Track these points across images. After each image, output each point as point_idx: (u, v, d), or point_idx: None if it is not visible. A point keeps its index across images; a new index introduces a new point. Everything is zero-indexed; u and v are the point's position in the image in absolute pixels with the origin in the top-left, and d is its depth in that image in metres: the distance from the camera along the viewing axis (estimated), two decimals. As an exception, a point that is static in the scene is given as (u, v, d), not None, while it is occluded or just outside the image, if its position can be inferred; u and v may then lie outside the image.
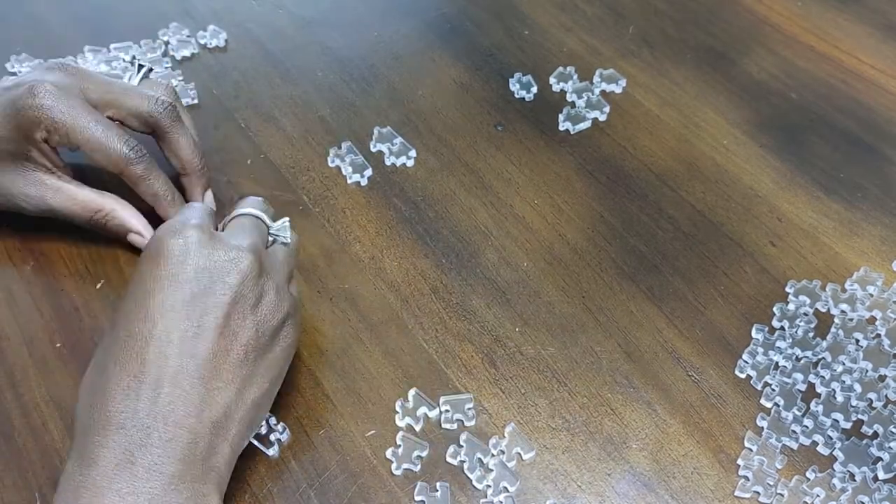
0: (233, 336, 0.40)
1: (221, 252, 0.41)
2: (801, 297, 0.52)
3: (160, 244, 0.41)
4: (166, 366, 0.38)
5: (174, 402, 0.38)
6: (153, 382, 0.38)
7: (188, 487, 0.37)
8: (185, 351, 0.38)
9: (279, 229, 0.47)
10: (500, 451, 0.45)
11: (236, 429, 0.40)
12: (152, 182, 0.51)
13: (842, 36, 0.69)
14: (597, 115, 0.63)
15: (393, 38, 0.69)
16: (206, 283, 0.40)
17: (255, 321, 0.41)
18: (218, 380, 0.39)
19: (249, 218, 0.46)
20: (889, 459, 0.45)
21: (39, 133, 0.49)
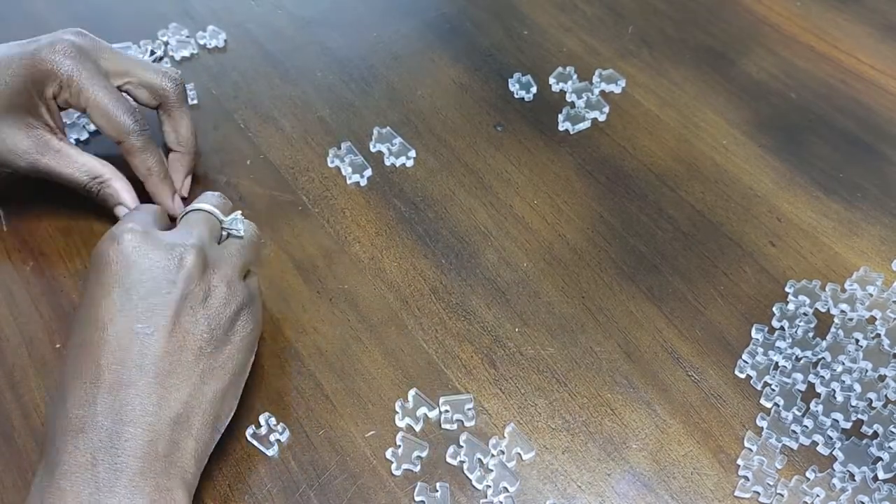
0: (184, 332, 0.40)
1: (161, 252, 0.41)
2: (801, 297, 0.52)
3: (101, 252, 0.42)
4: (122, 369, 0.39)
5: (131, 402, 0.38)
6: (109, 386, 0.38)
7: (150, 484, 0.37)
8: (138, 351, 0.39)
9: (231, 222, 0.47)
10: (499, 451, 0.45)
11: (199, 423, 0.40)
12: (148, 157, 0.52)
13: (841, 36, 0.69)
14: (596, 115, 0.63)
15: (392, 38, 0.69)
16: (150, 283, 0.40)
17: (206, 315, 0.41)
18: (173, 377, 0.39)
19: (199, 213, 0.46)
20: (889, 459, 0.45)
21: (51, 87, 0.50)
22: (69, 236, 0.55)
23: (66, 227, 0.55)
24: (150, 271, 0.41)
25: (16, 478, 0.44)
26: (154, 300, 0.40)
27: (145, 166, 0.52)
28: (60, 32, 0.51)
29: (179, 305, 0.40)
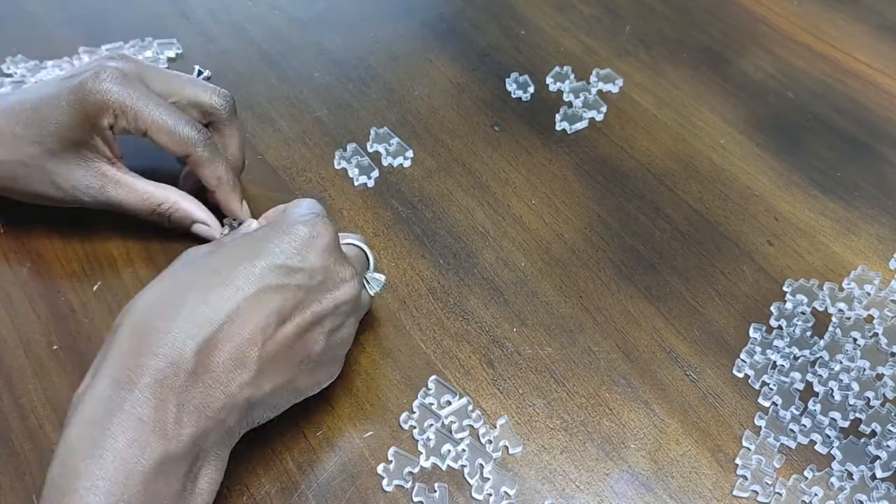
0: (305, 342, 0.41)
1: (341, 267, 0.42)
2: (799, 297, 0.52)
3: (296, 226, 0.42)
4: (241, 329, 0.38)
5: (228, 364, 0.38)
6: (221, 335, 0.38)
7: (209, 447, 0.38)
8: (263, 329, 0.39)
9: (374, 278, 0.47)
10: (487, 440, 0.45)
11: (257, 415, 0.41)
12: (217, 166, 0.51)
13: (838, 35, 0.69)
14: (594, 114, 0.63)
15: (390, 38, 0.69)
16: (314, 284, 0.41)
17: (327, 343, 0.42)
18: (272, 368, 0.40)
19: (362, 253, 0.47)
20: (887, 458, 0.45)
21: (106, 119, 0.49)
22: (66, 238, 0.54)
23: (63, 228, 0.55)
24: (321, 273, 0.41)
25: (13, 481, 0.44)
26: (307, 298, 0.41)
27: (215, 176, 0.51)
28: (101, 59, 0.50)
29: (320, 319, 0.41)
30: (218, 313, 0.38)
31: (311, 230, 0.42)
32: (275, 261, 0.40)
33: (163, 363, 0.36)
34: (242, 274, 0.39)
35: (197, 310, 0.38)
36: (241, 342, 0.38)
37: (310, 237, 0.41)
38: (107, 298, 0.51)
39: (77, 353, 0.49)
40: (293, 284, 0.40)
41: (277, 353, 0.40)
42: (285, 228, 0.42)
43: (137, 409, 0.36)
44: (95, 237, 0.54)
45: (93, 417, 0.36)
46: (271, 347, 0.39)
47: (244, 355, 0.38)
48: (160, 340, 0.37)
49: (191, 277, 0.40)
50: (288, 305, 0.40)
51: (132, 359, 0.37)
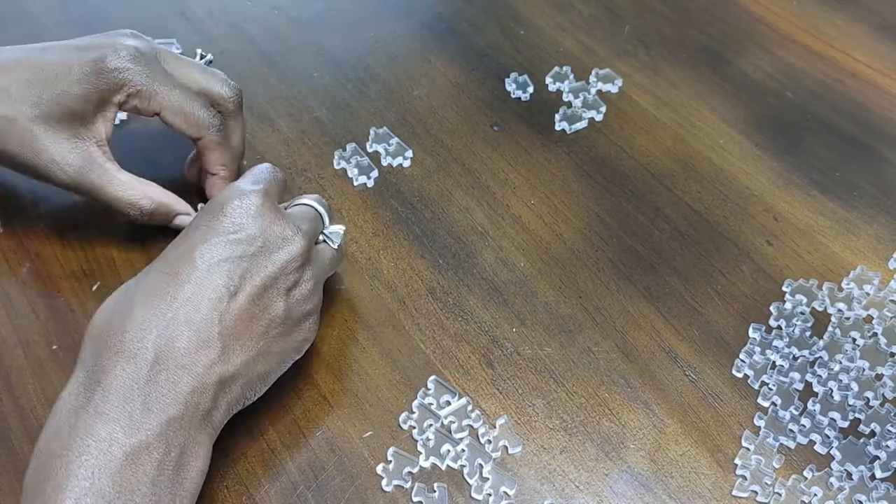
0: (263, 307, 0.41)
1: (279, 227, 0.43)
2: (798, 297, 0.52)
3: (224, 201, 0.42)
4: (195, 311, 0.39)
5: (190, 347, 0.39)
6: (176, 322, 0.39)
7: (184, 433, 0.38)
8: (216, 305, 0.39)
9: (332, 232, 0.48)
10: (487, 440, 0.45)
11: (237, 392, 0.41)
12: (225, 152, 0.52)
13: (837, 35, 0.69)
14: (593, 114, 0.63)
15: (389, 38, 0.69)
16: (255, 249, 0.41)
17: (287, 303, 0.42)
18: (236, 341, 0.40)
19: (310, 209, 0.47)
20: (886, 458, 0.45)
21: (119, 96, 0.48)
22: (65, 238, 0.54)
23: (62, 228, 0.55)
24: (260, 238, 0.42)
25: (13, 480, 0.44)
26: (252, 266, 0.41)
27: (220, 162, 0.52)
28: (117, 36, 0.49)
29: (270, 282, 0.41)
30: (169, 303, 0.39)
31: (238, 201, 0.42)
32: (211, 239, 0.41)
33: (123, 359, 0.38)
34: (184, 262, 0.40)
35: (149, 304, 0.39)
36: (198, 322, 0.39)
37: (239, 207, 0.42)
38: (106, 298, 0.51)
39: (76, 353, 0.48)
40: (235, 256, 0.41)
41: (237, 325, 0.40)
42: (215, 207, 0.42)
43: (101, 405, 0.37)
44: (95, 237, 0.54)
45: (60, 421, 0.37)
46: (230, 321, 0.40)
47: (205, 335, 0.39)
48: (118, 340, 0.38)
49: (142, 281, 0.41)
50: (235, 276, 0.40)
51: (95, 361, 0.38)
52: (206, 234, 0.41)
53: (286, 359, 0.44)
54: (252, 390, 0.42)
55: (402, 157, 0.60)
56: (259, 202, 0.42)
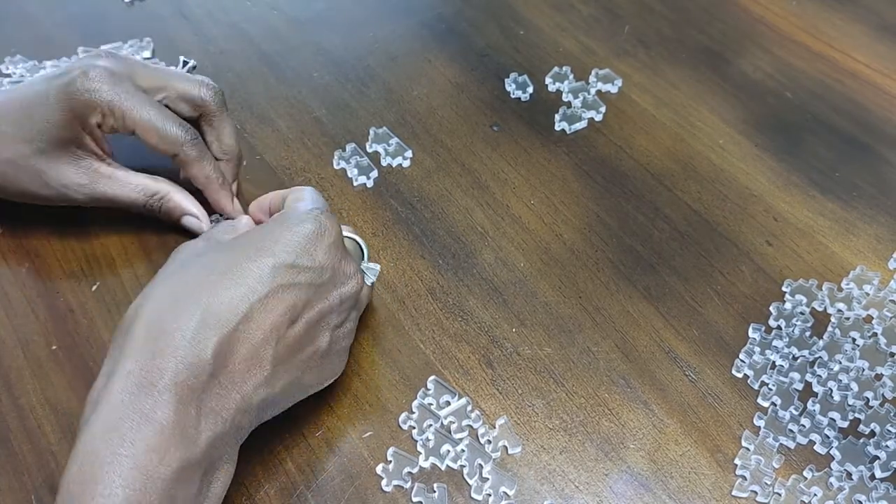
0: (311, 338, 0.41)
1: (346, 264, 0.43)
2: (798, 297, 0.52)
3: (303, 223, 0.42)
4: (256, 331, 0.38)
5: (244, 366, 0.38)
6: (238, 337, 0.38)
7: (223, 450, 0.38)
8: (277, 329, 0.39)
9: (369, 268, 0.48)
10: (486, 440, 0.45)
11: (268, 414, 0.41)
12: (205, 164, 0.51)
13: (837, 35, 0.69)
14: (593, 115, 0.63)
15: (388, 38, 0.69)
16: (322, 281, 0.41)
17: (332, 337, 0.43)
18: (283, 367, 0.40)
19: (354, 244, 0.47)
20: (886, 458, 0.45)
21: (94, 117, 0.49)
22: (65, 238, 0.54)
23: (62, 228, 0.55)
24: (329, 271, 0.42)
25: (12, 481, 0.44)
26: (315, 296, 0.41)
27: (203, 174, 0.51)
28: (88, 58, 0.50)
29: (326, 316, 0.42)
30: (233, 314, 0.38)
31: (317, 227, 0.42)
32: (285, 259, 0.40)
33: (181, 365, 0.36)
34: (254, 273, 0.39)
35: (211, 310, 0.38)
36: (257, 342, 0.38)
37: (316, 234, 0.41)
38: (105, 299, 0.51)
39: (76, 353, 0.49)
40: (303, 283, 0.40)
41: (288, 351, 0.40)
42: (291, 225, 0.41)
43: (157, 413, 0.35)
44: (94, 237, 0.54)
45: (111, 422, 0.35)
46: (283, 346, 0.40)
47: (259, 355, 0.39)
48: (177, 341, 0.36)
49: (201, 276, 0.39)
50: (299, 304, 0.40)
51: (149, 360, 0.36)
52: (280, 251, 0.40)
53: (310, 390, 0.44)
54: (271, 413, 0.42)
55: (401, 157, 0.60)
56: (335, 236, 0.42)
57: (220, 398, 0.37)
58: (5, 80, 0.64)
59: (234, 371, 0.38)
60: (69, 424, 0.45)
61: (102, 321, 0.50)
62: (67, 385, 0.47)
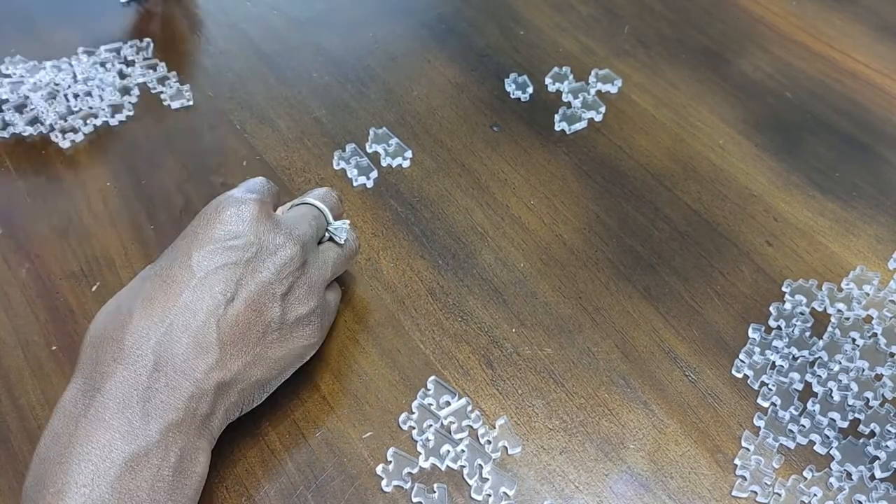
0: (258, 312, 0.41)
1: (272, 234, 0.43)
2: (798, 297, 0.52)
3: (219, 209, 0.43)
4: (193, 318, 0.39)
5: (188, 353, 0.39)
6: (174, 329, 0.39)
7: (183, 438, 0.38)
8: (213, 311, 0.40)
9: (336, 228, 0.48)
10: (486, 441, 0.45)
11: (235, 398, 0.41)
12: None
13: (837, 35, 0.69)
14: (592, 115, 0.63)
15: (388, 38, 0.69)
16: (249, 256, 0.42)
17: (282, 308, 0.42)
18: (233, 346, 0.40)
19: (311, 208, 0.47)
20: (886, 458, 0.45)
21: None
22: (65, 239, 0.54)
23: (62, 229, 0.55)
24: (254, 246, 0.42)
25: (12, 481, 0.44)
26: (246, 272, 0.41)
27: None
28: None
29: (265, 287, 0.42)
30: (167, 310, 0.39)
31: (234, 208, 0.43)
32: (206, 247, 0.41)
33: (122, 366, 0.38)
34: (181, 269, 0.40)
35: (146, 312, 0.39)
36: (196, 329, 0.39)
37: (234, 214, 0.42)
38: (106, 299, 0.51)
39: (76, 354, 0.48)
40: (230, 262, 0.41)
41: (234, 331, 0.40)
42: (209, 214, 0.43)
43: (100, 412, 0.37)
44: (94, 238, 0.54)
45: (59, 427, 0.37)
46: (227, 327, 0.40)
47: (203, 341, 0.39)
48: (117, 347, 0.38)
49: (138, 287, 0.41)
50: (231, 283, 0.41)
51: (94, 368, 0.38)
52: (202, 241, 0.41)
53: (286, 366, 0.44)
54: (251, 396, 0.42)
55: (401, 157, 0.60)
56: (255, 210, 0.43)
57: (169, 389, 0.38)
58: (5, 80, 0.64)
59: (179, 361, 0.39)
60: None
61: (102, 322, 0.50)
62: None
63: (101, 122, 0.62)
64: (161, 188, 0.57)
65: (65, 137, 0.60)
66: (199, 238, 0.42)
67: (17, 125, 0.61)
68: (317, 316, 0.45)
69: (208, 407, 0.39)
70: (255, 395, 0.43)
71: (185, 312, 0.39)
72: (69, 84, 0.64)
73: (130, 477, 0.36)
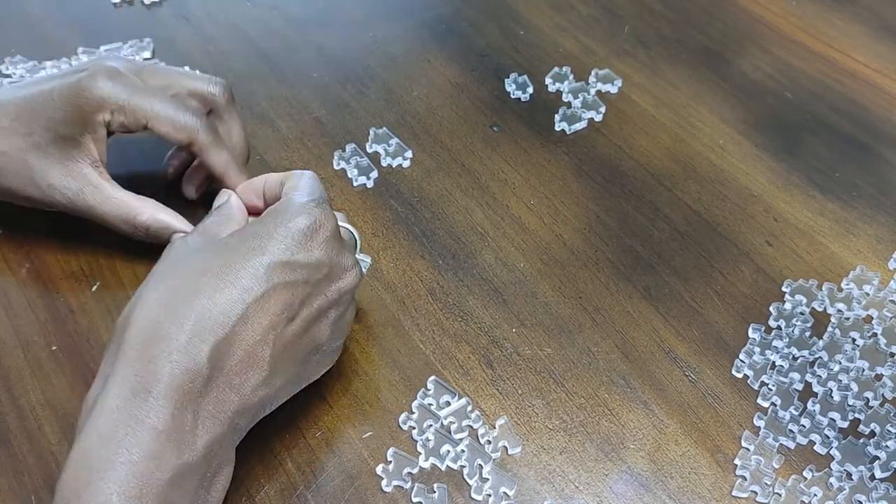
0: (310, 334, 0.41)
1: (343, 258, 0.42)
2: (798, 297, 0.52)
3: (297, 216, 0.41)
4: (251, 332, 0.38)
5: (240, 366, 0.38)
6: (233, 338, 0.37)
7: (222, 452, 0.38)
8: (273, 328, 0.39)
9: (362, 261, 0.48)
10: (486, 441, 0.45)
11: (265, 412, 0.41)
12: (221, 149, 0.50)
13: (836, 35, 0.69)
14: (592, 115, 0.63)
15: (388, 38, 0.69)
16: (319, 277, 0.41)
17: (331, 332, 0.42)
18: (282, 365, 0.40)
19: (348, 233, 0.46)
20: (886, 458, 0.45)
21: (103, 115, 0.48)
22: (65, 239, 0.54)
23: (62, 229, 0.55)
24: (326, 266, 0.41)
25: (12, 481, 0.44)
26: (313, 292, 0.40)
27: (222, 159, 0.50)
28: (95, 62, 0.49)
29: (325, 312, 0.41)
30: (228, 316, 0.37)
31: (312, 221, 0.41)
32: (280, 257, 0.39)
33: (177, 370, 0.36)
34: (248, 273, 0.38)
35: (206, 313, 0.37)
36: (253, 343, 0.38)
37: (312, 229, 0.41)
38: (106, 299, 0.51)
39: (76, 354, 0.49)
40: (300, 280, 0.40)
41: (286, 349, 0.40)
42: (286, 220, 0.40)
43: (153, 418, 0.35)
44: (95, 238, 0.54)
45: (105, 429, 0.35)
46: (281, 345, 0.39)
47: (256, 356, 0.38)
48: (172, 346, 0.36)
49: (195, 278, 0.38)
50: (296, 302, 0.39)
51: (144, 366, 0.36)
52: (275, 248, 0.39)
53: (307, 382, 0.44)
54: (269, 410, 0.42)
55: (401, 157, 0.60)
56: (332, 230, 0.41)
57: (218, 402, 0.37)
58: (5, 80, 0.64)
59: (231, 374, 0.37)
60: (69, 425, 0.45)
61: (102, 322, 0.50)
62: (68, 386, 0.47)
63: (101, 122, 0.62)
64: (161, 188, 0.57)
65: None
66: (272, 243, 0.39)
67: (17, 125, 0.61)
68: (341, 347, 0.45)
69: (247, 422, 0.39)
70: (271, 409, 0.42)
71: (247, 323, 0.38)
72: (69, 84, 0.64)
73: (176, 491, 0.35)
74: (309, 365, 0.42)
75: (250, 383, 0.38)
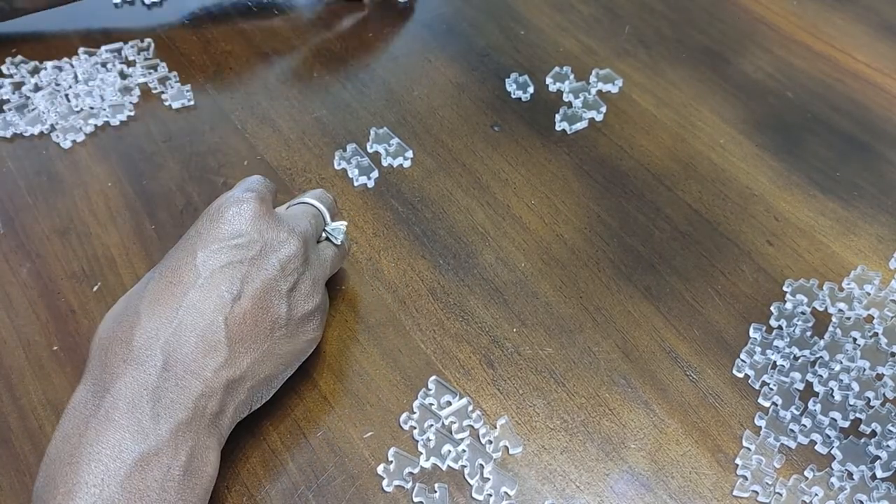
0: (265, 309, 0.42)
1: (275, 230, 0.43)
2: (799, 296, 0.52)
3: (221, 209, 0.43)
4: (200, 317, 0.40)
5: (197, 352, 0.39)
6: (182, 328, 0.39)
7: (193, 437, 0.38)
8: (220, 309, 0.40)
9: (334, 229, 0.48)
10: (487, 441, 0.45)
11: (244, 396, 0.41)
12: None
13: (837, 35, 0.69)
14: (593, 115, 0.63)
15: (389, 38, 0.69)
16: (254, 253, 0.42)
17: (289, 304, 0.43)
18: (242, 344, 0.41)
19: (309, 207, 0.48)
20: (887, 458, 0.45)
21: None
22: (66, 238, 0.54)
23: (63, 228, 0.55)
24: (257, 243, 0.42)
25: (13, 481, 0.44)
26: (251, 269, 0.42)
27: None
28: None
29: (270, 284, 0.42)
30: (174, 309, 0.39)
31: (235, 207, 0.43)
32: (210, 246, 0.41)
33: (131, 366, 0.38)
34: (186, 269, 0.41)
35: (154, 312, 0.39)
36: (204, 328, 0.39)
37: (236, 213, 0.42)
38: (107, 299, 0.51)
39: (77, 354, 0.49)
40: (235, 261, 0.41)
41: (242, 328, 0.41)
42: (212, 214, 0.43)
43: (110, 412, 0.37)
44: (95, 237, 0.54)
45: (69, 429, 0.37)
46: (234, 325, 0.40)
47: (211, 340, 0.39)
48: (126, 347, 0.39)
49: (144, 289, 0.41)
50: (237, 281, 0.41)
51: (103, 370, 0.39)
52: (206, 240, 0.42)
53: (292, 361, 0.44)
54: (259, 394, 0.43)
55: (402, 157, 0.60)
56: (256, 207, 0.43)
57: (179, 388, 0.38)
58: (7, 80, 0.64)
59: (188, 360, 0.39)
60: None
61: (103, 321, 0.50)
62: (69, 386, 0.47)
63: (102, 122, 0.62)
64: (162, 188, 0.57)
65: (66, 137, 0.60)
66: (202, 238, 0.42)
67: (18, 125, 0.61)
68: (320, 311, 0.45)
69: (217, 405, 0.40)
70: (263, 393, 0.43)
71: (193, 312, 0.40)
72: (70, 84, 0.64)
73: (140, 476, 0.36)
74: (277, 341, 0.42)
75: (211, 366, 0.39)
